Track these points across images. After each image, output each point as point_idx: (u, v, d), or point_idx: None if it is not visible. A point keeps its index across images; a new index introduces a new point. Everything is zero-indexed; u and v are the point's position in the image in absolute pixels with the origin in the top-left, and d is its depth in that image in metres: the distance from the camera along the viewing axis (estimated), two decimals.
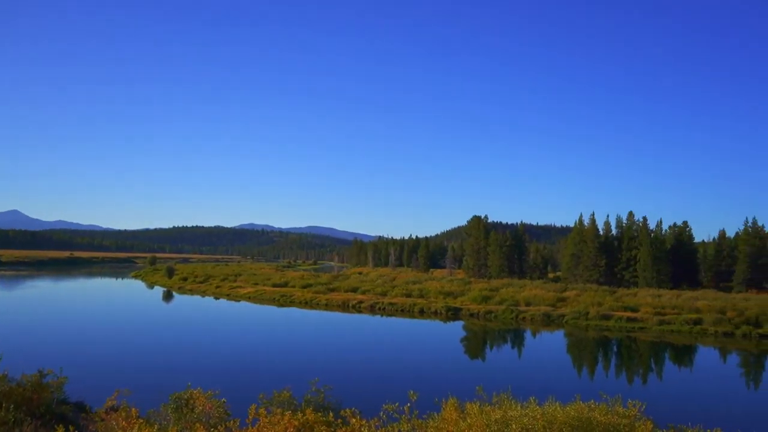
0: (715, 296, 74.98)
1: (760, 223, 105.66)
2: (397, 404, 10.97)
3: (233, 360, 39.59)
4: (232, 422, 12.19)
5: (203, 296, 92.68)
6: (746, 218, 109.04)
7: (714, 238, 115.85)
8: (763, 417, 28.94)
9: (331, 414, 11.74)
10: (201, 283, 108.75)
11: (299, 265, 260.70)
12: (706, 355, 50.08)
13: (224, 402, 13.47)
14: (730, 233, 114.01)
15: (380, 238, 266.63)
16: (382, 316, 70.49)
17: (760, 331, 55.68)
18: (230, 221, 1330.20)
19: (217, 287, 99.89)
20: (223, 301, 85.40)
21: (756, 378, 40.75)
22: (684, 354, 49.69)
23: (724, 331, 56.39)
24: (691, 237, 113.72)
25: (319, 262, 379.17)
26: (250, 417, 11.09)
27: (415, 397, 11.11)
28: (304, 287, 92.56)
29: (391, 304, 75.38)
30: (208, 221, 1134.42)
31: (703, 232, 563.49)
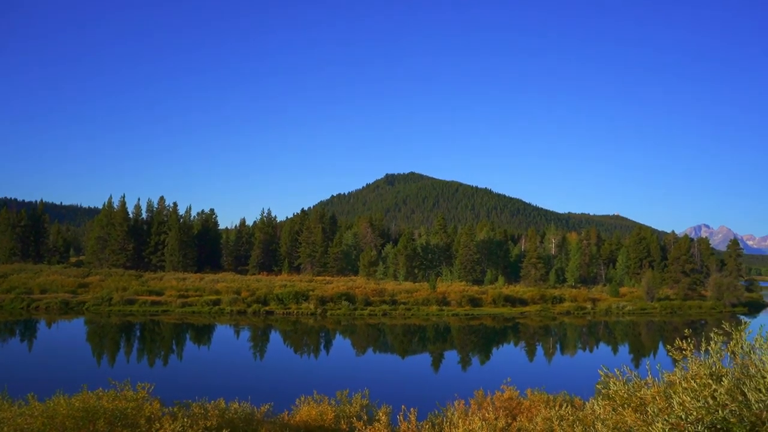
0: (233, 278, 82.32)
1: (273, 214, 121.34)
2: None
3: None
4: None
5: None
6: (263, 208, 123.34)
7: (236, 226, 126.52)
8: (270, 383, 33.10)
9: None
10: None
11: None
12: (222, 332, 54.45)
13: None
14: (250, 221, 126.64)
15: None
16: None
17: (267, 308, 63.55)
18: None
19: None
20: None
21: (263, 349, 46.36)
22: (203, 333, 52.96)
23: (238, 309, 62.29)
24: (216, 224, 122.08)
25: None
26: None
27: None
28: None
29: None
30: None
31: (227, 220, 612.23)
